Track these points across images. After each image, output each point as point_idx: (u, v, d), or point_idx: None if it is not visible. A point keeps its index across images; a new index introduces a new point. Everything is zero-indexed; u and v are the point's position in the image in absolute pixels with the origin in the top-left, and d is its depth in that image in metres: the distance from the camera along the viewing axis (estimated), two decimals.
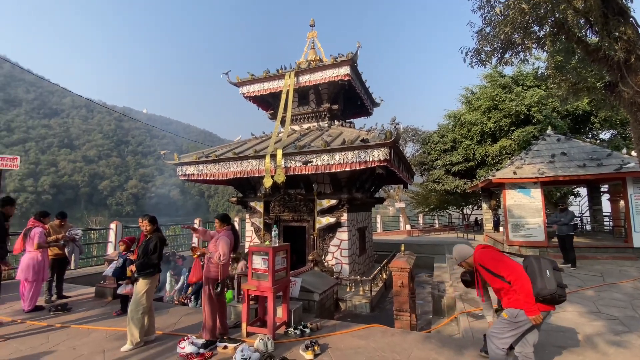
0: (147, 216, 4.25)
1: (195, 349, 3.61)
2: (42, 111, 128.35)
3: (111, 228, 9.55)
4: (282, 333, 4.27)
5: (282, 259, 4.40)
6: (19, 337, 4.13)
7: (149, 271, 3.95)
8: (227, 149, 9.45)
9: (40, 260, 5.23)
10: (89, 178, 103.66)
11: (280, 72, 10.27)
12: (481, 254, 3.10)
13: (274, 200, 9.35)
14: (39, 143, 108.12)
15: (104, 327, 4.46)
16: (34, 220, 5.45)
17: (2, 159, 7.64)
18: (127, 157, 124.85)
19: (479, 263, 3.08)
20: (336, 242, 8.70)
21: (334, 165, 7.34)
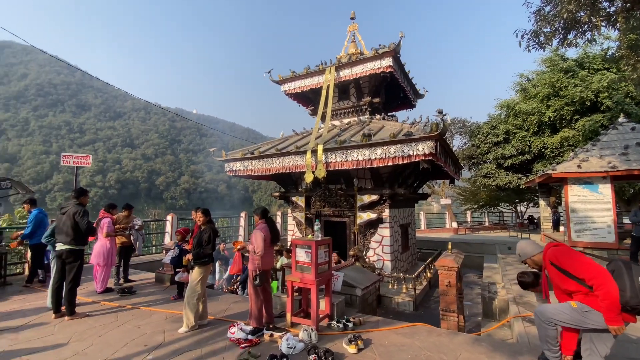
0: (201, 209, 4.56)
1: (244, 335, 3.81)
2: (108, 114, 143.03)
3: (167, 220, 10.39)
4: (325, 325, 4.34)
5: (324, 252, 4.45)
6: (94, 315, 4.70)
7: (203, 260, 4.25)
8: (270, 146, 9.74)
9: (109, 247, 5.88)
10: (148, 174, 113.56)
11: (320, 68, 10.30)
12: (555, 252, 2.78)
13: (314, 195, 9.47)
14: (106, 143, 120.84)
15: (164, 310, 4.90)
16: (104, 212, 6.13)
17: (77, 157, 8.68)
18: (180, 155, 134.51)
19: (552, 261, 2.77)
20: (377, 238, 8.59)
21: (375, 160, 7.22)
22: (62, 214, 4.67)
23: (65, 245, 4.56)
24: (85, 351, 3.55)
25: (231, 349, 3.63)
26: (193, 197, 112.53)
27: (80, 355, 3.47)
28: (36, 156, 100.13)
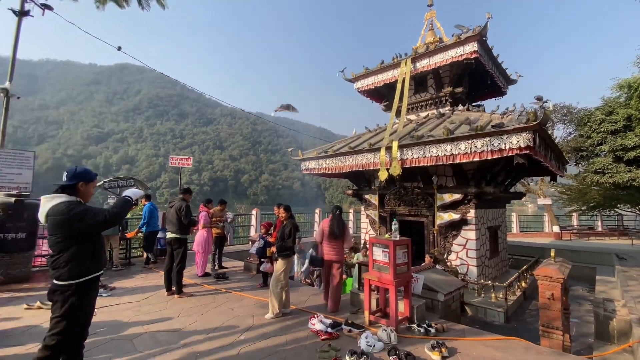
0: (283, 205, 4.87)
1: (324, 327, 3.94)
2: (202, 121, 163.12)
3: (253, 214, 11.39)
4: (404, 327, 4.21)
5: (403, 253, 4.30)
6: (197, 295, 5.43)
7: (285, 253, 4.54)
8: (344, 144, 9.82)
9: (206, 237, 6.71)
10: (234, 173, 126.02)
11: (395, 61, 9.94)
12: None
13: (389, 194, 9.22)
14: (200, 146, 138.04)
15: (252, 296, 5.39)
16: (202, 206, 7.01)
17: (181, 159, 10.12)
18: (261, 155, 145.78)
19: None
20: (461, 241, 7.94)
21: (458, 156, 6.66)
22: (171, 207, 5.51)
23: (173, 234, 5.39)
24: (191, 326, 4.13)
25: (312, 339, 3.79)
26: (272, 194, 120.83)
27: (187, 328, 4.05)
28: (149, 158, 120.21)
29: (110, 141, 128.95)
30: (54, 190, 2.49)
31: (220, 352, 3.43)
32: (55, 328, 2.31)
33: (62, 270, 2.33)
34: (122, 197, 2.64)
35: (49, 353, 2.30)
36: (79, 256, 2.37)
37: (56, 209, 2.37)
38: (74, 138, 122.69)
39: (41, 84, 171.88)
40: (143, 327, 4.02)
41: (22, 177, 7.29)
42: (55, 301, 2.35)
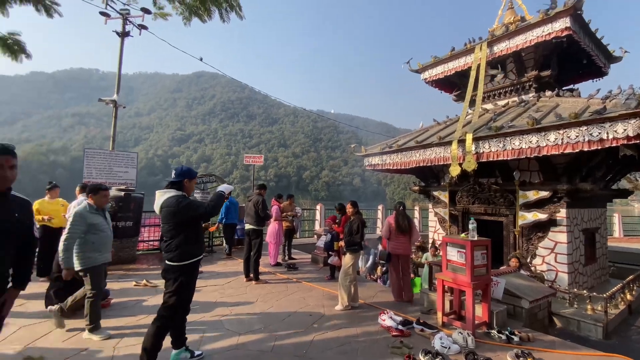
0: (350, 201, 4.96)
1: (394, 324, 3.92)
2: (267, 121, 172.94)
3: (317, 209, 11.75)
4: (482, 332, 3.96)
5: (481, 254, 4.03)
6: (271, 283, 5.85)
7: (354, 248, 4.62)
8: (409, 138, 9.47)
9: (277, 229, 7.15)
10: (296, 169, 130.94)
11: (468, 47, 9.20)
12: None
13: (461, 190, 8.63)
14: (266, 144, 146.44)
15: (321, 287, 5.60)
16: (274, 200, 7.48)
17: (254, 157, 10.91)
18: (321, 152, 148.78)
19: None
20: (548, 244, 7.07)
21: (546, 148, 5.91)
22: (249, 201, 6.03)
23: (251, 225, 5.88)
24: (269, 310, 4.48)
25: (382, 334, 3.81)
26: (332, 190, 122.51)
27: (265, 312, 4.40)
28: (222, 157, 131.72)
29: (191, 142, 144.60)
30: (165, 186, 2.96)
31: (296, 337, 3.66)
32: (168, 301, 2.75)
33: (174, 254, 2.76)
34: (217, 192, 3.01)
35: (163, 322, 2.74)
36: (185, 242, 2.78)
37: (168, 201, 2.81)
38: (162, 140, 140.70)
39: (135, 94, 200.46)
40: (228, 309, 4.49)
41: (128, 175, 8.67)
42: (167, 279, 2.80)
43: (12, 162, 1.83)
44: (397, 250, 5.15)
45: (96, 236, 3.46)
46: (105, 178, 8.02)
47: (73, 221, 3.34)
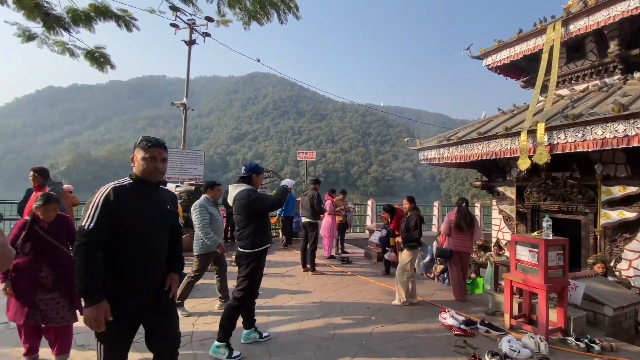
0: (406, 197, 4.91)
1: (456, 323, 3.81)
2: (316, 117, 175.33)
3: (368, 204, 11.71)
4: (556, 339, 3.66)
5: (557, 255, 3.71)
6: (327, 274, 6.04)
7: (412, 244, 4.56)
8: (470, 130, 8.91)
9: (331, 223, 7.31)
10: (345, 165, 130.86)
11: (539, 27, 8.32)
12: None
13: (530, 186, 7.91)
14: (315, 140, 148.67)
15: (377, 282, 5.63)
16: (327, 195, 7.66)
17: (306, 153, 11.23)
18: (370, 146, 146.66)
19: None
20: (637, 247, 6.19)
21: (636, 138, 5.15)
22: (305, 195, 6.27)
23: (307, 218, 6.12)
24: (326, 300, 4.66)
25: (444, 332, 3.73)
26: (381, 185, 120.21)
27: (324, 301, 4.58)
28: (274, 154, 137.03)
29: (246, 140, 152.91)
30: (237, 181, 3.27)
31: (354, 328, 3.76)
32: (241, 285, 3.04)
33: (246, 242, 3.04)
34: (281, 186, 3.24)
35: (238, 303, 3.04)
36: (255, 231, 3.04)
37: (240, 194, 3.09)
38: (221, 139, 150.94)
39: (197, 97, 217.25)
40: (289, 296, 4.76)
41: (196, 171, 9.54)
42: (240, 264, 3.09)
43: (164, 155, 1.86)
44: (459, 247, 5.03)
45: (212, 225, 3.96)
46: (178, 174, 8.93)
47: (200, 211, 3.87)
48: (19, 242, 2.57)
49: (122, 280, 1.72)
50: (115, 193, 1.70)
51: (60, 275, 2.63)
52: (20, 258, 2.58)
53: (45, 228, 2.64)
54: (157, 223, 1.84)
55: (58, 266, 2.64)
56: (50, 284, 2.60)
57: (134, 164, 1.82)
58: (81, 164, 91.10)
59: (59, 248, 2.70)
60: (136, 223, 1.73)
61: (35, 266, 2.59)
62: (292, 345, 3.29)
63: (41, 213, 2.61)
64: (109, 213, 1.66)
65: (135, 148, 1.83)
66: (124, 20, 7.58)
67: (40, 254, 2.61)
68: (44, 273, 2.59)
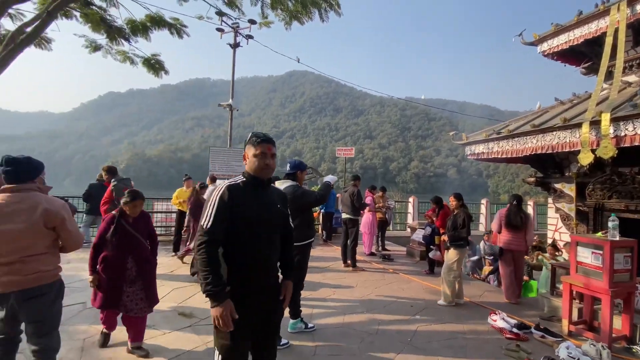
0: (454, 193, 4.75)
1: (508, 326, 3.65)
2: (353, 113, 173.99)
3: (409, 201, 11.45)
4: (620, 347, 3.37)
5: (624, 258, 3.40)
6: (368, 271, 6.06)
7: (459, 243, 4.43)
8: (523, 122, 8.29)
9: (371, 220, 7.30)
10: (383, 161, 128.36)
11: (601, 8, 7.45)
12: None
13: (593, 182, 7.17)
14: (352, 137, 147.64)
15: (420, 280, 5.54)
16: (368, 192, 7.64)
17: (345, 150, 11.24)
18: (410, 141, 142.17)
19: None
20: None
21: None
22: (345, 192, 6.34)
23: (347, 215, 6.18)
24: (369, 295, 4.70)
25: (494, 335, 3.60)
26: (422, 182, 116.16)
27: (366, 297, 4.63)
28: (311, 150, 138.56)
29: (284, 138, 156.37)
30: (283, 177, 3.43)
31: (398, 325, 3.76)
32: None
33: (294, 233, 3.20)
34: (324, 182, 3.35)
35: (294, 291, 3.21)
36: (300, 225, 3.18)
37: (286, 190, 3.24)
38: None
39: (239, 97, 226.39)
40: (331, 289, 4.88)
41: (242, 168, 9.99)
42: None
43: (274, 150, 1.79)
44: (510, 245, 4.83)
45: None
46: (225, 171, 9.47)
47: None
48: (108, 235, 2.75)
49: (238, 281, 1.68)
50: (230, 191, 1.66)
51: (141, 268, 2.83)
52: (109, 251, 2.78)
53: (130, 222, 2.83)
54: (270, 223, 1.77)
55: (140, 260, 2.84)
56: (134, 276, 2.80)
57: (246, 161, 1.78)
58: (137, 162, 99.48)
59: (142, 242, 2.88)
60: (251, 222, 1.68)
61: (122, 259, 2.78)
62: (337, 338, 3.39)
63: (129, 209, 2.81)
64: (224, 212, 1.63)
65: (246, 145, 1.79)
66: (175, 28, 8.18)
67: (126, 247, 2.79)
68: (129, 265, 2.79)
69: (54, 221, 2.03)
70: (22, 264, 1.96)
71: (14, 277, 1.95)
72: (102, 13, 7.26)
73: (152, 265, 3.00)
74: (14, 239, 1.94)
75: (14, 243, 1.94)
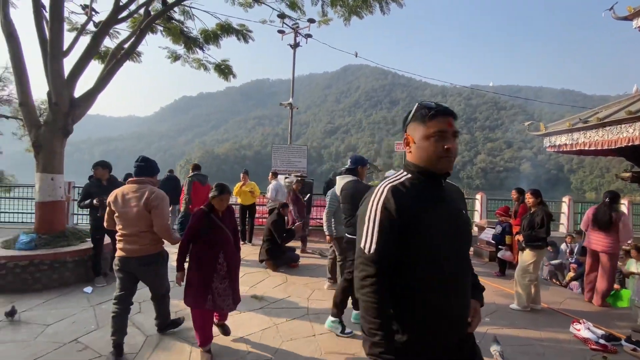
0: (531, 189, 4.39)
1: (594, 337, 3.28)
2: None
3: (477, 198, 10.67)
4: None
5: None
6: None
7: (537, 244, 4.08)
8: (616, 109, 7.12)
9: None
10: None
11: None
12: None
13: None
14: None
15: (489, 282, 5.18)
16: None
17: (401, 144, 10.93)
18: (476, 133, 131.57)
19: None
20: None
21: None
22: None
23: None
24: None
25: (576, 345, 3.27)
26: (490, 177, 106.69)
27: None
28: (366, 145, 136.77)
29: (339, 133, 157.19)
30: (343, 172, 3.54)
31: None
32: (350, 267, 3.32)
33: (353, 228, 3.28)
34: (385, 176, 3.35)
35: (348, 285, 3.33)
36: None
37: (347, 185, 3.35)
38: (316, 134, 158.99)
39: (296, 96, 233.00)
40: None
41: (301, 164, 10.41)
42: (349, 249, 3.37)
43: (455, 127, 1.17)
44: (593, 245, 4.58)
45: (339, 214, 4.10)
46: (286, 167, 9.94)
47: (330, 200, 4.15)
48: (200, 231, 2.71)
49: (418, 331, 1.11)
50: (395, 196, 1.11)
51: (231, 264, 2.79)
52: (201, 246, 2.73)
53: (220, 217, 2.78)
54: (458, 237, 1.20)
55: (229, 255, 2.78)
56: (225, 273, 2.75)
57: (409, 148, 1.21)
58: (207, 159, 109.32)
59: (230, 237, 2.84)
60: (431, 240, 1.11)
61: (214, 255, 2.72)
62: None
63: (216, 202, 2.74)
64: (391, 228, 1.09)
65: (408, 125, 1.23)
66: (242, 33, 8.82)
67: (217, 242, 2.73)
68: (220, 260, 2.72)
69: (151, 206, 2.65)
70: (138, 237, 2.69)
71: (134, 246, 2.68)
72: (181, 26, 8.17)
73: (238, 260, 3.01)
74: (131, 218, 2.67)
75: (132, 221, 2.67)
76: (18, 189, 9.84)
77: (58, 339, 2.99)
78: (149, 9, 6.50)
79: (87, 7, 6.71)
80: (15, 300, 3.72)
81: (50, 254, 4.29)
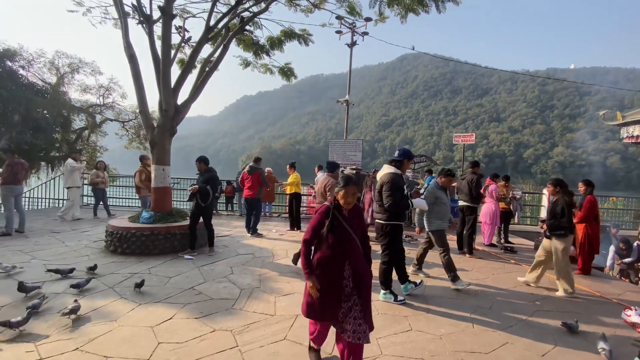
0: (551, 179, 4.63)
1: None
2: (476, 93, 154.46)
3: (544, 193, 10.09)
4: None
5: None
6: (485, 259, 6.01)
7: (560, 232, 4.28)
8: None
9: (494, 210, 7.02)
10: (514, 147, 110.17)
11: None
12: None
13: None
14: (474, 120, 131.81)
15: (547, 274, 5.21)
16: (489, 180, 7.34)
17: (463, 136, 10.77)
18: (552, 123, 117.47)
19: None
20: None
21: None
22: (463, 179, 6.38)
23: (465, 202, 6.24)
24: (484, 280, 4.83)
25: (624, 328, 3.40)
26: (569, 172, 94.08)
27: (482, 280, 4.78)
28: (424, 138, 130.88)
29: (394, 126, 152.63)
30: (388, 162, 3.97)
31: (514, 306, 3.86)
32: (385, 251, 3.87)
33: (386, 215, 3.80)
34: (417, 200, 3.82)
35: (386, 266, 3.86)
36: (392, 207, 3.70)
37: (386, 176, 3.83)
38: (370, 127, 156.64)
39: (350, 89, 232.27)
40: (442, 269, 5.20)
41: (356, 157, 10.95)
42: (381, 235, 3.88)
43: None
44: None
45: (440, 207, 4.41)
46: (342, 160, 10.57)
47: (426, 194, 4.52)
48: (324, 231, 2.21)
49: None
50: None
51: (358, 278, 2.21)
52: (324, 251, 2.24)
53: (346, 217, 2.25)
54: None
55: (358, 267, 2.24)
56: (350, 289, 2.20)
57: None
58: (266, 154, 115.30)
59: (358, 245, 2.30)
60: None
61: (340, 264, 2.21)
62: (446, 303, 3.81)
63: (341, 197, 2.22)
64: None
65: None
66: (303, 38, 9.66)
67: (343, 249, 2.22)
68: (346, 273, 2.21)
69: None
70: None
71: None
72: (251, 35, 9.26)
73: (369, 276, 2.33)
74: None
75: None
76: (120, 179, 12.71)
77: (179, 286, 4.07)
78: (227, 25, 7.62)
79: (180, 27, 8.11)
80: (143, 260, 5.01)
81: (164, 227, 5.57)
